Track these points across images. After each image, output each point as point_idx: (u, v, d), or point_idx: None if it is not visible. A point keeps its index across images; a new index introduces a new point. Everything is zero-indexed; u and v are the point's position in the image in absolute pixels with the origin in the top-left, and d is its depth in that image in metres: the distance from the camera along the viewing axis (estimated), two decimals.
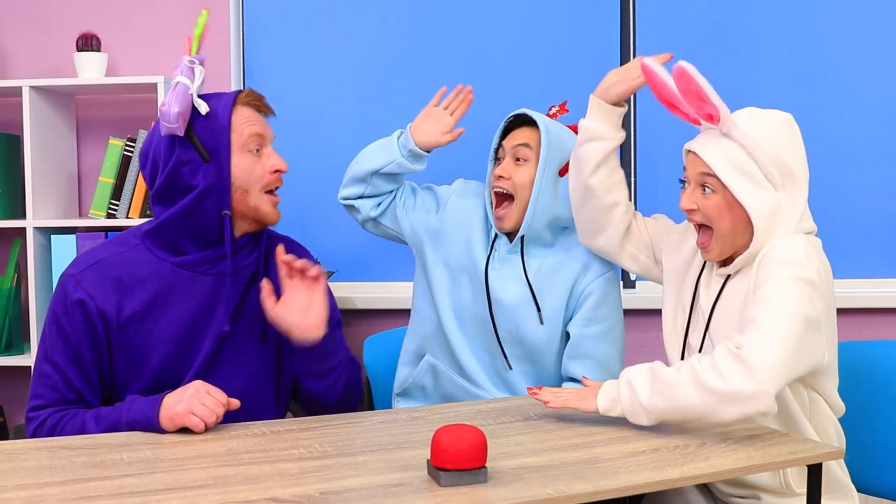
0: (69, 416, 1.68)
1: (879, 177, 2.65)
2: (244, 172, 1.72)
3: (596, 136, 1.86)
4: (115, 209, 2.53)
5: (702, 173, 1.68)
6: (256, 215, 1.76)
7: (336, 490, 1.29)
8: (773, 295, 1.54)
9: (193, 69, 1.69)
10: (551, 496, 1.27)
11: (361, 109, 2.72)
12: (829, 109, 2.65)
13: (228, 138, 1.71)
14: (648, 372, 1.56)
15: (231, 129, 1.72)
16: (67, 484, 1.33)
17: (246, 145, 1.73)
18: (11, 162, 2.62)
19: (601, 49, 2.68)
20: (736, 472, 1.43)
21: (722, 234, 1.69)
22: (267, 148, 1.77)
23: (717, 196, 1.67)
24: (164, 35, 2.70)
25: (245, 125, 1.73)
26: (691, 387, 1.48)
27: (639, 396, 1.54)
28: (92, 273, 1.70)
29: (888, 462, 1.90)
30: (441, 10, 2.70)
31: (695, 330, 1.79)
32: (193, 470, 1.39)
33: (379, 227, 2.14)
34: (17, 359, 2.53)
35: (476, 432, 1.34)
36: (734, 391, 1.46)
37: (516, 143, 1.97)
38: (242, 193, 1.73)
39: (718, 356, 1.49)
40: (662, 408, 1.53)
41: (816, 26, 2.65)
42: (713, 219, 1.68)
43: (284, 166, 1.77)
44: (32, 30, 2.71)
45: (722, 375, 1.47)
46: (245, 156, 1.73)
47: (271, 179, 1.76)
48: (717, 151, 1.66)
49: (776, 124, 1.69)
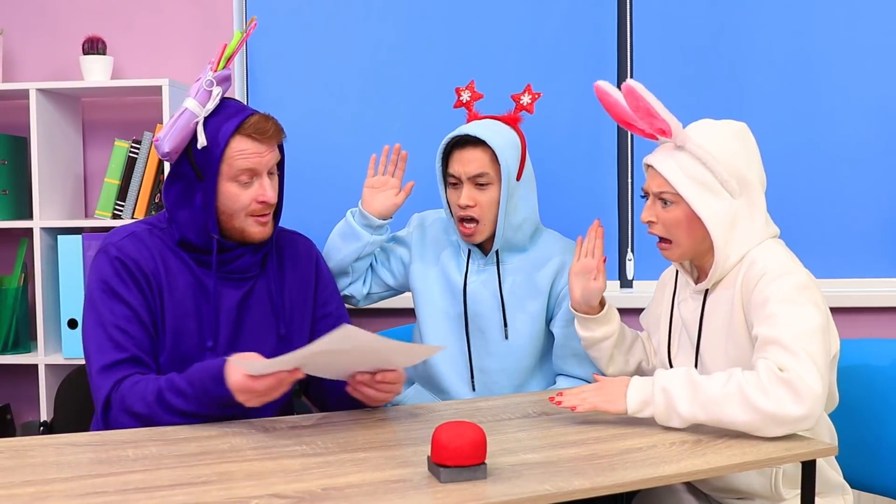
0: (144, 382, 1.66)
1: (870, 178, 2.65)
2: (230, 199, 1.74)
3: (594, 341, 1.92)
4: (121, 210, 2.55)
5: (659, 186, 1.71)
6: (242, 236, 1.78)
7: (338, 486, 1.31)
8: (785, 313, 1.57)
9: (211, 92, 1.70)
10: (550, 492, 1.29)
11: (362, 112, 2.73)
12: (824, 112, 2.65)
13: (218, 167, 1.72)
14: (687, 382, 1.57)
15: (223, 159, 1.72)
16: (73, 480, 1.34)
17: (235, 177, 1.73)
18: (18, 163, 2.64)
19: (599, 54, 2.69)
20: (731, 469, 1.44)
21: (681, 245, 1.73)
22: (260, 178, 1.76)
23: (676, 208, 1.70)
24: (169, 38, 2.72)
25: (238, 158, 1.72)
26: (738, 405, 1.51)
27: (677, 406, 1.56)
28: (129, 241, 1.76)
29: (881, 459, 1.92)
30: (441, 15, 2.71)
31: (681, 347, 1.82)
32: (197, 466, 1.40)
33: (372, 298, 2.18)
34: (24, 357, 2.55)
35: (475, 429, 1.35)
36: (784, 415, 1.49)
37: (473, 172, 1.96)
38: (227, 217, 1.76)
39: (765, 378, 1.51)
40: (702, 419, 1.55)
41: (811, 31, 2.65)
42: (672, 231, 1.72)
43: (271, 199, 1.76)
44: (39, 33, 2.74)
45: (770, 398, 1.50)
46: (232, 184, 1.74)
47: (256, 208, 1.76)
48: (673, 164, 1.69)
49: (729, 134, 1.71)
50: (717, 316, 1.73)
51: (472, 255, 2.06)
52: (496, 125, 2.00)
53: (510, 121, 2.04)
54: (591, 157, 2.70)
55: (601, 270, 1.88)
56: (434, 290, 2.08)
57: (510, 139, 2.00)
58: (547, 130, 2.64)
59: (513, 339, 2.03)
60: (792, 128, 2.66)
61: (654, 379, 1.60)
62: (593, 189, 2.71)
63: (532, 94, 2.05)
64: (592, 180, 2.70)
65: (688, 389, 1.56)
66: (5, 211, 2.57)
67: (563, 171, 2.69)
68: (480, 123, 1.99)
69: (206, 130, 1.71)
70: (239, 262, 1.79)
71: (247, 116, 1.74)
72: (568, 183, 2.69)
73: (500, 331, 2.04)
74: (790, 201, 2.65)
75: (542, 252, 2.08)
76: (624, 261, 2.69)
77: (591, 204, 2.70)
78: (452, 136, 1.98)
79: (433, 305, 2.08)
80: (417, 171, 2.64)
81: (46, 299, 2.52)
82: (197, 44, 2.71)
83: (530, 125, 2.11)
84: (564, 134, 2.69)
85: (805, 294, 1.59)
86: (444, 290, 2.07)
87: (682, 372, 1.59)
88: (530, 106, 2.05)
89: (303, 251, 1.93)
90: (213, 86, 1.70)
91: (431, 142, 2.17)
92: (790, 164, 2.67)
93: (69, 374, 2.00)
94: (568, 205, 2.68)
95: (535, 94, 2.05)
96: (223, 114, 1.73)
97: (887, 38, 2.63)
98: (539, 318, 2.06)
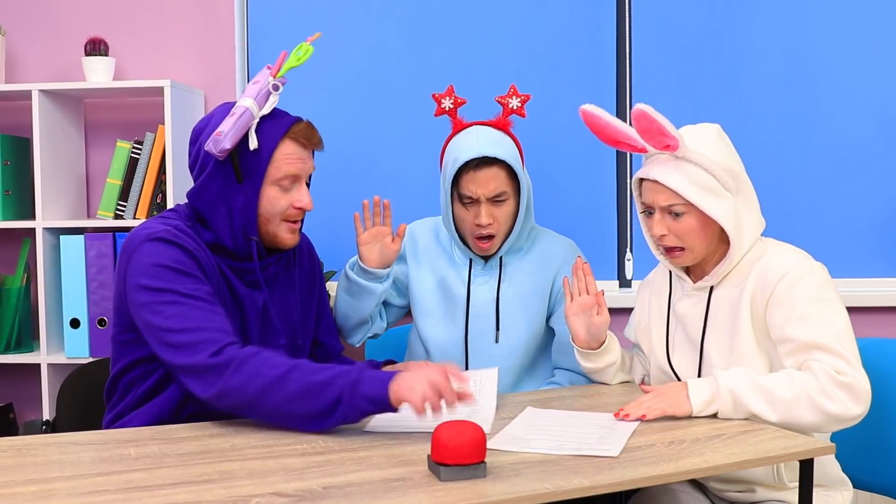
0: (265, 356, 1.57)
1: (867, 178, 2.66)
2: (270, 203, 1.75)
3: (599, 370, 1.95)
4: (123, 210, 2.56)
5: (668, 200, 1.73)
6: (274, 241, 1.79)
7: (338, 484, 1.31)
8: (819, 314, 1.66)
9: (269, 96, 1.70)
10: (549, 490, 1.29)
11: (363, 113, 2.74)
12: (821, 112, 2.66)
13: (265, 170, 1.72)
14: (752, 384, 1.64)
15: (271, 161, 1.72)
16: (75, 479, 1.35)
17: (279, 181, 1.74)
18: (21, 164, 2.65)
19: (597, 55, 2.70)
20: (729, 467, 1.45)
21: (695, 250, 1.77)
22: (300, 184, 1.78)
23: (688, 217, 1.73)
24: (171, 40, 2.73)
25: (285, 162, 1.74)
26: (807, 408, 1.61)
27: (749, 405, 1.63)
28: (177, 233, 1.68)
29: (880, 458, 1.92)
30: (441, 17, 2.71)
31: (679, 346, 1.84)
32: (199, 465, 1.41)
33: (390, 323, 2.18)
34: (27, 356, 2.56)
35: (475, 428, 1.36)
36: (846, 415, 1.61)
37: (493, 193, 1.95)
38: (264, 220, 1.76)
39: (825, 382, 1.61)
40: (771, 419, 1.63)
41: (808, 32, 2.65)
42: (686, 239, 1.75)
43: (308, 206, 1.78)
44: (42, 35, 2.75)
45: (836, 401, 1.60)
46: (275, 188, 1.75)
47: (293, 213, 1.78)
48: (679, 175, 1.71)
49: (715, 135, 1.76)
50: (722, 312, 1.77)
51: (474, 260, 2.07)
52: (498, 137, 1.97)
53: (502, 126, 2.01)
54: (590, 158, 2.70)
55: (602, 304, 1.88)
56: (432, 296, 2.09)
57: (514, 150, 1.99)
58: (546, 131, 2.65)
59: (504, 343, 2.05)
60: (789, 128, 2.67)
61: (718, 382, 1.66)
62: (592, 189, 2.71)
63: (521, 97, 2.01)
64: (591, 180, 2.71)
65: (755, 390, 1.64)
66: (8, 211, 2.58)
67: (562, 172, 2.70)
68: (488, 141, 1.95)
69: (256, 133, 1.70)
70: (268, 270, 1.80)
71: (294, 121, 1.76)
72: (567, 183, 2.70)
73: (494, 333, 2.05)
74: (787, 201, 2.66)
75: (542, 250, 2.09)
76: (623, 261, 2.70)
77: (590, 204, 2.71)
78: (465, 159, 1.93)
79: (432, 311, 2.09)
80: (417, 173, 2.65)
81: (49, 299, 2.53)
82: (198, 45, 2.72)
83: (529, 126, 2.11)
84: (563, 134, 2.69)
85: (829, 290, 1.69)
86: (443, 297, 2.08)
87: (741, 373, 1.66)
88: (521, 110, 2.01)
89: (306, 252, 1.96)
90: (277, 89, 1.71)
91: (429, 144, 2.18)
92: (788, 164, 2.67)
93: (71, 374, 2.01)
94: (567, 205, 2.69)
95: (523, 95, 2.02)
96: (269, 117, 1.73)
97: (884, 38, 2.64)
98: (540, 317, 2.07)
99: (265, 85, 1.71)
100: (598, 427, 1.61)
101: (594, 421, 1.66)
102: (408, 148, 2.73)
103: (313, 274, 1.95)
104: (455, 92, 2.04)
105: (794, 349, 1.66)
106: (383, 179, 2.73)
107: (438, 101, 2.03)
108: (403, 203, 2.69)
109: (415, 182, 2.66)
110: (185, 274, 1.63)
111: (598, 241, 2.70)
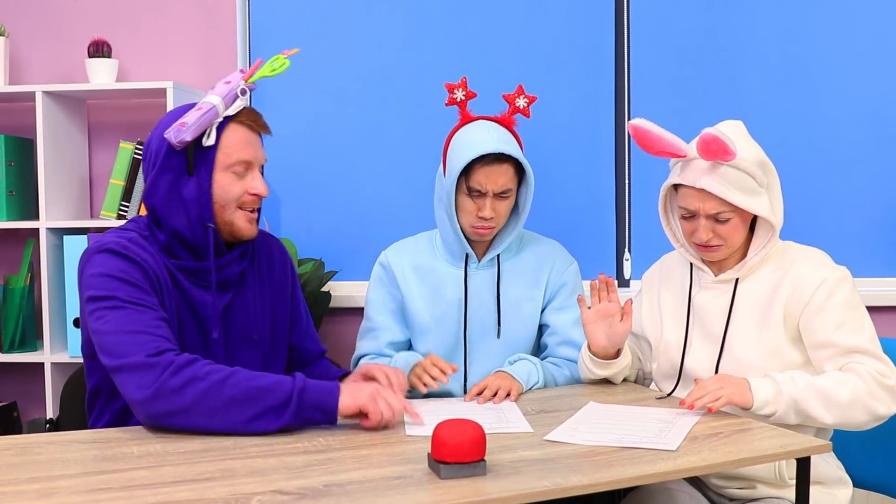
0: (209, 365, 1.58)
1: (865, 178, 2.67)
2: (223, 190, 1.73)
3: (610, 376, 1.96)
4: (126, 210, 2.57)
5: (715, 208, 1.76)
6: (231, 230, 1.76)
7: (340, 482, 1.32)
8: (854, 320, 1.75)
9: (237, 99, 1.71)
10: (548, 488, 1.30)
11: (364, 114, 2.75)
12: (819, 113, 2.67)
13: (214, 156, 1.72)
14: (810, 387, 1.68)
15: (219, 147, 1.72)
16: (79, 476, 1.36)
17: (230, 167, 1.73)
18: (25, 165, 2.67)
19: (596, 57, 2.70)
20: (727, 466, 1.46)
21: (733, 245, 1.81)
22: (253, 171, 1.76)
23: (735, 219, 1.78)
24: (173, 42, 2.74)
25: (235, 148, 1.73)
26: (860, 410, 1.68)
27: (809, 410, 1.67)
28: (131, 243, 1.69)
29: (877, 456, 1.94)
30: (441, 18, 2.72)
31: (695, 340, 1.86)
32: (201, 463, 1.42)
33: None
34: (31, 356, 2.57)
35: (475, 427, 1.37)
36: (888, 414, 1.70)
37: (501, 188, 1.97)
38: (220, 209, 1.74)
39: (872, 385, 1.68)
40: (827, 421, 1.68)
41: (806, 33, 2.66)
42: (730, 239, 1.79)
43: (264, 191, 1.76)
44: (45, 37, 2.76)
45: (882, 403, 1.68)
46: (227, 175, 1.73)
47: (248, 200, 1.76)
48: (724, 182, 1.74)
49: (743, 134, 1.79)
50: (748, 306, 1.81)
51: (470, 259, 2.08)
52: (507, 135, 2.01)
53: (507, 123, 2.04)
54: (589, 158, 2.71)
55: (628, 313, 1.88)
56: (427, 305, 2.09)
57: (518, 147, 2.02)
58: (545, 132, 2.65)
59: (506, 338, 2.06)
60: (787, 129, 2.68)
61: (779, 385, 1.68)
62: (591, 190, 2.72)
63: (527, 97, 2.04)
64: (590, 181, 2.72)
65: (815, 394, 1.67)
66: (12, 211, 2.59)
67: (561, 172, 2.70)
68: (501, 138, 1.98)
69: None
70: (227, 270, 1.77)
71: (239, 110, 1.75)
72: (566, 183, 2.71)
73: (494, 329, 2.06)
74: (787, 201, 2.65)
75: (533, 252, 2.12)
76: (621, 260, 2.71)
77: (589, 204, 2.72)
78: (480, 153, 1.95)
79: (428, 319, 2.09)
80: (417, 172, 2.66)
81: (52, 298, 2.55)
82: (201, 47, 2.73)
83: (529, 126, 2.12)
84: (563, 135, 2.70)
85: (857, 294, 1.79)
86: (438, 303, 2.09)
87: (798, 376, 1.70)
88: (526, 110, 2.05)
89: (277, 255, 1.92)
90: (245, 94, 1.72)
91: (430, 145, 2.19)
92: (786, 164, 2.65)
93: (74, 373, 2.02)
94: (566, 205, 2.70)
95: (530, 97, 2.05)
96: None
97: (882, 39, 2.65)
98: (534, 317, 2.09)
99: (235, 87, 1.72)
100: (658, 421, 1.64)
101: (654, 415, 1.69)
102: (408, 149, 2.74)
103: (285, 275, 1.91)
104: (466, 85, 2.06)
105: (836, 353, 1.73)
106: (384, 180, 2.74)
107: (451, 91, 2.05)
108: (404, 204, 2.71)
109: (415, 183, 2.67)
110: (130, 284, 1.64)
111: (596, 241, 2.71)
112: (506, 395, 1.87)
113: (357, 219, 2.74)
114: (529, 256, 2.12)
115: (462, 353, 2.08)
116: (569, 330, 2.08)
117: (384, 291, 2.13)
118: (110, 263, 1.65)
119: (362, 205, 2.74)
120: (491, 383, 1.90)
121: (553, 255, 2.13)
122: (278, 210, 2.74)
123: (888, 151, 2.66)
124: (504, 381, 1.90)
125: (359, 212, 2.74)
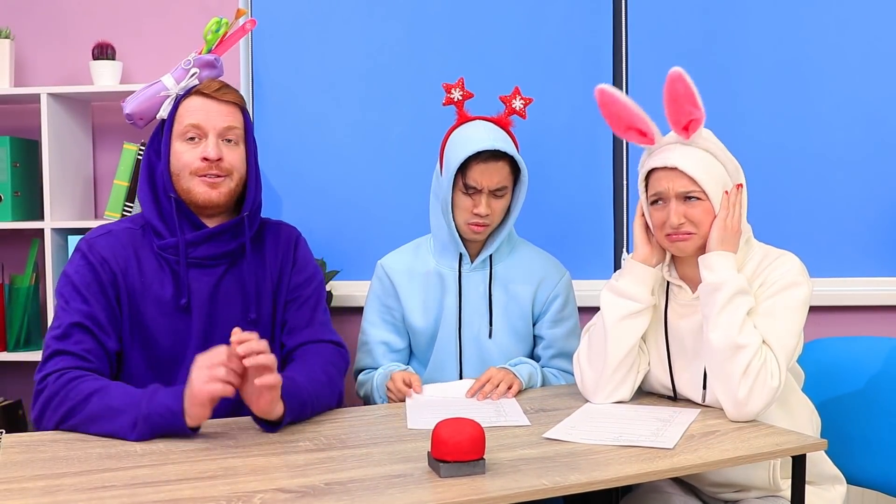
0: (75, 383, 1.65)
1: (860, 179, 2.66)
2: (176, 158, 1.79)
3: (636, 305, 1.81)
4: (130, 211, 2.59)
5: (685, 186, 1.72)
6: (189, 197, 1.79)
7: (341, 481, 1.33)
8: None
9: (188, 71, 1.77)
10: (547, 486, 1.31)
11: (365, 113, 2.75)
12: (815, 114, 2.66)
13: (171, 126, 1.79)
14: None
15: (175, 118, 1.80)
16: (83, 474, 1.37)
17: (184, 134, 1.78)
18: (30, 166, 2.68)
19: (594, 58, 2.70)
20: (723, 464, 1.47)
21: (703, 235, 1.75)
22: (208, 139, 1.79)
23: (704, 202, 1.73)
24: (177, 44, 2.75)
25: (184, 115, 1.79)
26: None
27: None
28: (103, 240, 1.79)
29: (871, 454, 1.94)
30: (441, 19, 2.73)
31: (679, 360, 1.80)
32: (203, 461, 1.43)
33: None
34: (36, 355, 2.58)
35: (474, 426, 1.38)
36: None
37: (496, 186, 1.99)
38: (176, 178, 1.80)
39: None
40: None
41: (802, 35, 2.65)
42: (701, 224, 1.74)
43: (212, 155, 1.77)
44: (50, 39, 2.78)
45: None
46: (180, 143, 1.79)
47: (200, 166, 1.78)
48: (695, 160, 1.71)
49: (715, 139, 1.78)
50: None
51: (463, 260, 2.09)
52: (503, 134, 2.02)
53: (503, 124, 2.05)
54: (588, 159, 2.71)
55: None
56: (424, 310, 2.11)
57: (514, 147, 2.02)
58: (543, 133, 2.66)
59: (497, 339, 2.08)
60: (784, 130, 2.67)
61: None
62: (589, 189, 2.72)
63: (524, 99, 2.05)
64: (588, 182, 2.71)
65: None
66: (17, 212, 2.61)
67: (558, 174, 2.71)
68: (497, 136, 1.99)
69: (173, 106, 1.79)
70: (211, 245, 1.79)
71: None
72: (564, 185, 2.71)
73: (486, 330, 2.08)
74: (782, 202, 2.66)
75: (524, 260, 2.13)
76: (619, 260, 2.71)
77: (588, 204, 2.72)
78: (476, 150, 1.96)
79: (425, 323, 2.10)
80: (418, 172, 2.67)
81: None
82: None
83: (527, 127, 2.13)
84: (560, 136, 2.71)
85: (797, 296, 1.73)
86: (434, 306, 2.10)
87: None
88: (523, 111, 2.05)
89: (284, 237, 1.93)
90: (190, 65, 1.77)
91: (430, 145, 2.20)
92: (782, 165, 2.68)
93: None
94: (564, 205, 2.70)
95: (527, 98, 2.05)
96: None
97: (877, 41, 2.65)
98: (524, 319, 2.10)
99: (187, 64, 1.78)
100: (656, 420, 1.65)
101: (653, 414, 1.69)
102: (409, 149, 2.75)
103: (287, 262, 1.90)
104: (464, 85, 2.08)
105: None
106: (384, 180, 2.75)
107: (448, 91, 2.07)
108: (404, 204, 2.72)
109: (416, 183, 2.68)
110: (77, 292, 1.74)
111: (594, 240, 2.71)
112: (507, 389, 1.89)
113: (358, 219, 2.75)
114: (521, 262, 2.13)
115: (457, 354, 2.09)
116: (563, 342, 2.10)
117: (380, 305, 2.15)
118: (76, 263, 1.77)
119: (363, 205, 2.74)
120: (494, 375, 1.92)
121: (544, 269, 2.13)
122: (279, 210, 2.75)
123: (884, 153, 2.66)
124: (506, 375, 1.92)
125: (359, 212, 2.75)
